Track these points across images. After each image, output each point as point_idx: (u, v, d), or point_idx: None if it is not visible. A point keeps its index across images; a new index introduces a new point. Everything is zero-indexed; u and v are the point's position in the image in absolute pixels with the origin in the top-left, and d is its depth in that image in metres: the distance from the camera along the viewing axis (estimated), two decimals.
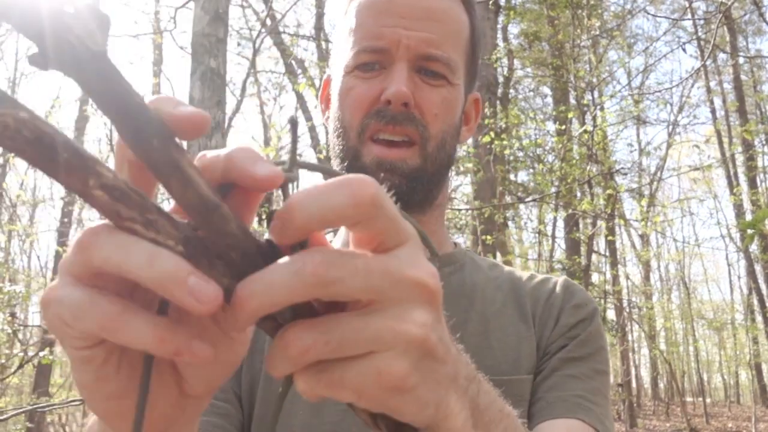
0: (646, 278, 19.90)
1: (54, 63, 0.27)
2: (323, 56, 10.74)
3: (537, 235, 12.19)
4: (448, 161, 0.83)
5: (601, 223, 8.54)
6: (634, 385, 17.80)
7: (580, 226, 11.09)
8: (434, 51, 0.79)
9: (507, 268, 0.92)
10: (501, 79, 10.64)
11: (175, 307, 0.34)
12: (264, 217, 0.37)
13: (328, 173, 0.41)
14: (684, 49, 7.81)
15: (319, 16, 11.92)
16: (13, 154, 0.28)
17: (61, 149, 0.28)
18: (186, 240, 0.32)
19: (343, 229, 0.88)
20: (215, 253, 0.33)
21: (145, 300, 0.36)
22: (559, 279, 0.89)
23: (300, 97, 11.09)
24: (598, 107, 7.36)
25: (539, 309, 0.84)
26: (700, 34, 10.30)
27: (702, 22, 10.81)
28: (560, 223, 12.36)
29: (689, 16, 9.89)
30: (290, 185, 0.37)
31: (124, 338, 0.32)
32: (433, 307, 0.36)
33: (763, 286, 14.90)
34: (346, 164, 0.81)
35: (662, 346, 19.68)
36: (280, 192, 0.37)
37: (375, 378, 0.34)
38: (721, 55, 15.06)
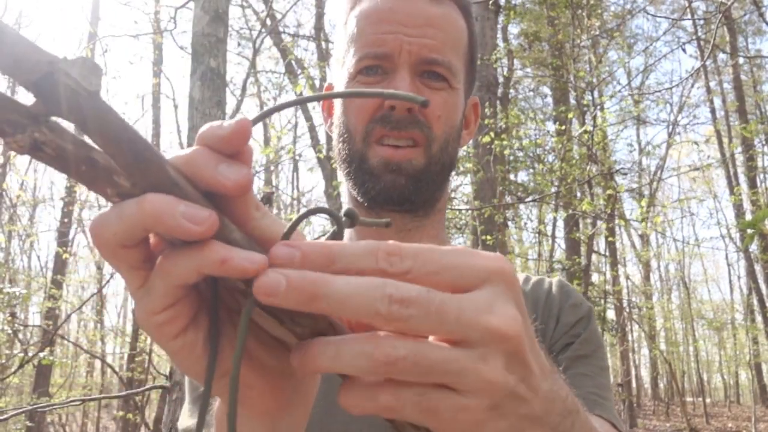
0: (646, 278, 19.91)
1: (54, 108, 0.29)
2: (323, 56, 10.74)
3: (537, 235, 12.19)
4: (450, 163, 0.85)
5: (601, 224, 8.54)
6: (634, 385, 17.81)
7: (580, 226, 11.09)
8: (436, 56, 0.80)
9: None
10: (501, 79, 10.64)
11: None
12: (264, 202, 0.38)
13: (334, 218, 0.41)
14: (684, 49, 7.81)
15: (319, 16, 11.92)
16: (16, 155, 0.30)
17: (79, 164, 0.31)
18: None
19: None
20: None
21: None
22: (553, 280, 0.91)
23: None
24: (598, 107, 7.36)
25: (539, 310, 0.85)
26: (700, 34, 10.30)
27: (702, 22, 10.82)
28: (560, 223, 12.36)
29: (689, 16, 9.90)
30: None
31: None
32: (515, 352, 0.34)
33: (763, 286, 14.89)
34: (352, 167, 0.82)
35: (662, 346, 19.69)
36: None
37: (452, 413, 0.33)
38: (721, 55, 15.07)
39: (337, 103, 0.86)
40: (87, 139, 0.32)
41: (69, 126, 0.31)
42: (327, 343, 0.33)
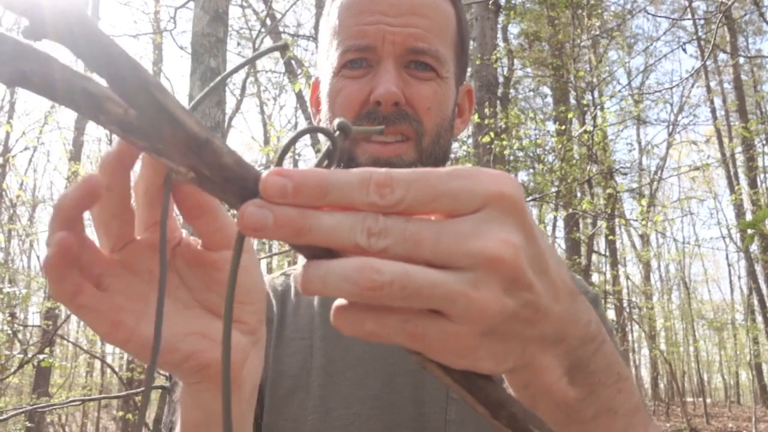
0: (646, 278, 19.91)
1: (50, 32, 0.30)
2: None
3: None
4: (443, 155, 0.83)
5: (601, 223, 8.54)
6: None
7: (580, 226, 11.08)
8: (421, 44, 0.78)
9: None
10: (501, 79, 10.64)
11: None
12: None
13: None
14: (684, 49, 7.80)
15: (319, 16, 11.92)
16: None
17: (68, 93, 0.31)
18: (195, 167, 0.34)
19: None
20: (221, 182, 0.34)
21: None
22: None
23: (300, 97, 11.09)
24: (598, 107, 7.36)
25: None
26: (700, 34, 10.30)
27: (702, 22, 10.81)
28: (560, 223, 12.36)
29: (689, 16, 9.89)
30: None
31: None
32: (513, 276, 0.33)
33: (763, 286, 14.89)
34: (341, 166, 0.80)
35: (662, 347, 19.69)
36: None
37: (441, 339, 0.33)
38: (721, 55, 15.06)
39: (324, 100, 0.84)
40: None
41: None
42: (317, 267, 0.32)
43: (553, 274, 0.36)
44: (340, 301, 0.34)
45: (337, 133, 0.41)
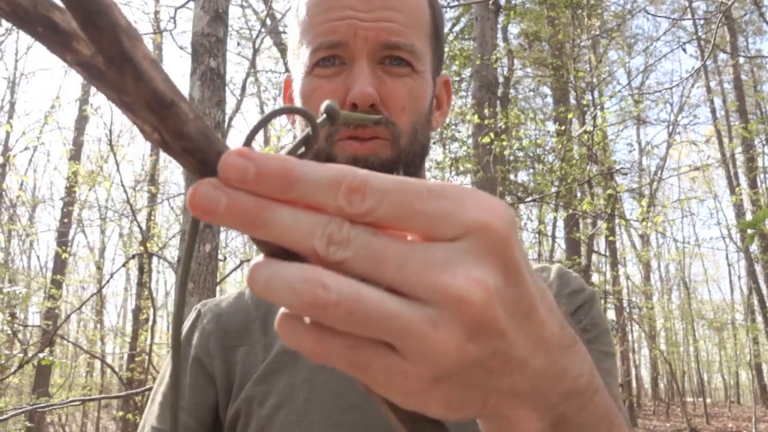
0: (646, 278, 19.91)
1: None
2: None
3: (537, 235, 12.20)
4: (422, 152, 0.81)
5: (601, 223, 8.54)
6: (634, 385, 17.80)
7: (580, 226, 11.08)
8: (395, 39, 0.75)
9: None
10: (501, 79, 10.64)
11: None
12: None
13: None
14: (684, 49, 7.81)
15: None
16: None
17: (35, 24, 0.28)
18: (158, 130, 0.31)
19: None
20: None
21: None
22: (553, 267, 0.87)
23: None
24: (598, 107, 7.36)
25: None
26: (700, 34, 10.30)
27: (702, 22, 10.81)
28: (560, 223, 12.37)
29: (689, 16, 9.90)
30: None
31: None
32: (482, 322, 0.29)
33: (763, 286, 14.89)
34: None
35: (662, 347, 19.69)
36: None
37: (386, 375, 0.29)
38: (721, 55, 15.06)
39: (298, 100, 0.82)
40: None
41: None
42: (264, 267, 0.29)
43: (538, 322, 0.32)
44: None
45: (323, 117, 0.37)
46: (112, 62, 0.29)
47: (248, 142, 0.33)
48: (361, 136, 0.75)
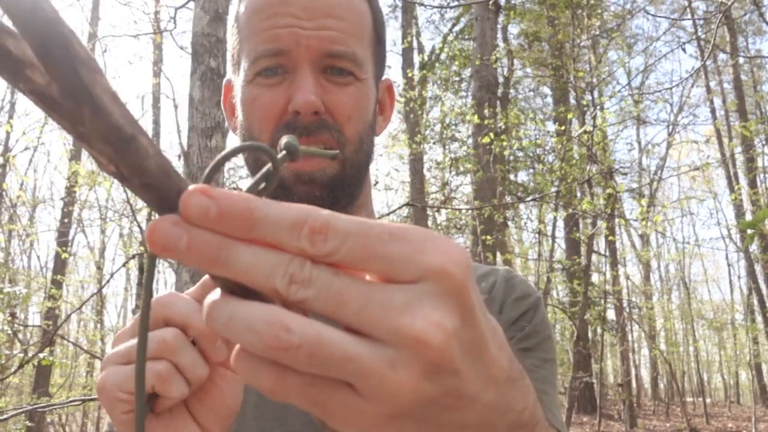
0: (646, 278, 19.91)
1: None
2: None
3: (537, 235, 12.19)
4: (366, 159, 0.81)
5: (601, 223, 8.54)
6: (634, 385, 17.81)
7: (580, 226, 11.08)
8: (338, 47, 0.75)
9: None
10: (501, 79, 10.64)
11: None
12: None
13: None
14: (684, 49, 7.81)
15: None
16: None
17: None
18: (115, 163, 0.30)
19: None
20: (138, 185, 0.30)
21: None
22: (501, 271, 0.87)
23: None
24: (598, 107, 7.36)
25: None
26: (700, 34, 10.30)
27: (702, 22, 10.81)
28: (560, 223, 12.36)
29: (689, 16, 9.90)
30: None
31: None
32: (439, 362, 0.30)
33: (763, 286, 14.89)
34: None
35: (662, 346, 19.69)
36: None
37: (344, 413, 0.30)
38: (721, 55, 15.06)
39: (239, 107, 0.80)
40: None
41: None
42: (225, 306, 0.29)
43: (489, 360, 0.33)
44: None
45: (282, 153, 0.37)
46: (70, 94, 0.28)
47: (209, 179, 0.33)
48: (306, 143, 0.73)
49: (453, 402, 0.32)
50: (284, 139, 0.38)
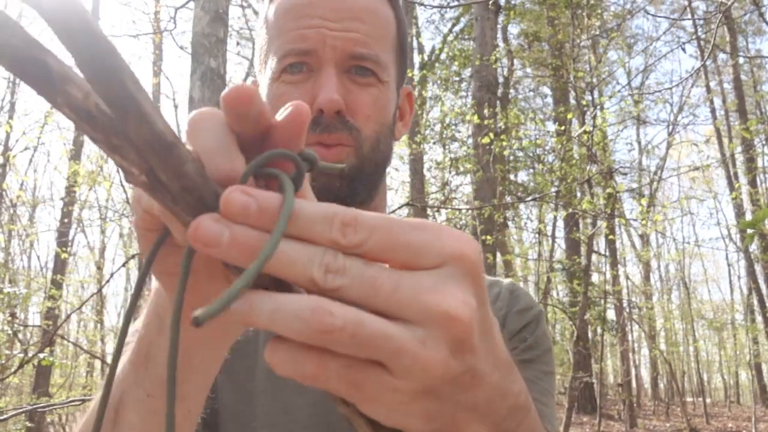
0: (646, 278, 19.92)
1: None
2: None
3: (537, 235, 12.20)
4: (384, 161, 0.83)
5: (601, 223, 8.54)
6: (634, 385, 17.81)
7: (580, 226, 11.08)
8: (362, 49, 0.78)
9: None
10: (501, 80, 10.64)
11: None
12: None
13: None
14: (684, 49, 7.81)
15: None
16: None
17: (24, 64, 0.28)
18: (150, 171, 0.32)
19: None
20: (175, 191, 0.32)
21: None
22: (504, 283, 0.89)
23: None
24: (598, 107, 7.36)
25: None
26: (700, 34, 10.30)
27: (702, 22, 10.81)
28: (560, 223, 12.36)
29: (689, 15, 9.90)
30: None
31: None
32: (463, 338, 0.32)
33: (763, 286, 14.89)
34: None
35: (662, 346, 19.70)
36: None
37: (379, 391, 0.32)
38: (721, 55, 15.06)
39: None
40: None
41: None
42: (266, 300, 0.31)
43: (495, 341, 0.36)
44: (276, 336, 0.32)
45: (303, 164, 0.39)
46: (116, 104, 0.29)
47: (243, 181, 0.34)
48: (326, 142, 0.76)
49: (469, 380, 0.34)
50: (305, 150, 0.40)
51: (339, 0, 0.78)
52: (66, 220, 11.77)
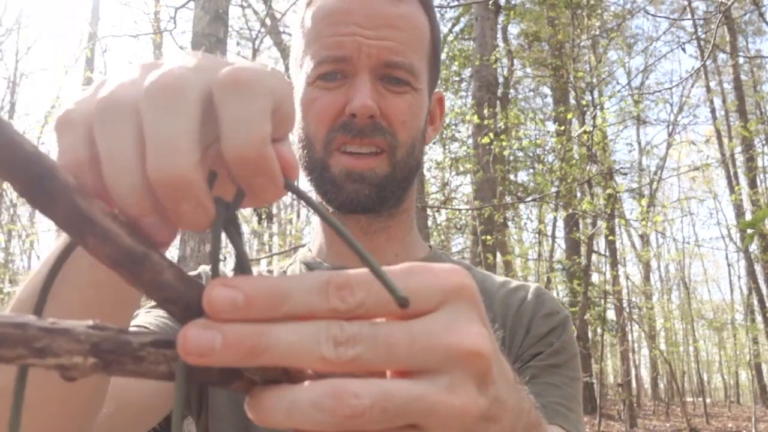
0: (646, 278, 19.91)
1: None
2: None
3: (537, 235, 12.20)
4: (416, 166, 0.84)
5: (601, 223, 8.55)
6: (634, 385, 17.80)
7: (580, 226, 11.09)
8: (396, 58, 0.79)
9: (482, 272, 0.93)
10: (501, 79, 10.64)
11: None
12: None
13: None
14: (684, 49, 7.83)
15: None
16: None
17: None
18: (96, 347, 0.27)
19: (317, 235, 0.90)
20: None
21: None
22: (531, 287, 0.89)
23: None
24: (598, 107, 7.36)
25: (509, 318, 0.83)
26: (700, 34, 10.30)
27: (702, 22, 10.81)
28: (560, 223, 12.37)
29: (689, 15, 9.90)
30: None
31: None
32: (486, 372, 0.31)
33: (763, 286, 14.90)
34: (314, 175, 0.81)
35: (662, 346, 19.70)
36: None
37: None
38: (721, 55, 15.07)
39: (297, 107, 0.83)
40: None
41: None
42: (281, 396, 0.28)
43: (503, 363, 0.35)
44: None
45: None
46: (70, 225, 0.26)
47: (214, 270, 0.31)
48: (360, 144, 0.77)
49: (495, 411, 0.33)
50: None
51: (375, 7, 0.79)
52: None
